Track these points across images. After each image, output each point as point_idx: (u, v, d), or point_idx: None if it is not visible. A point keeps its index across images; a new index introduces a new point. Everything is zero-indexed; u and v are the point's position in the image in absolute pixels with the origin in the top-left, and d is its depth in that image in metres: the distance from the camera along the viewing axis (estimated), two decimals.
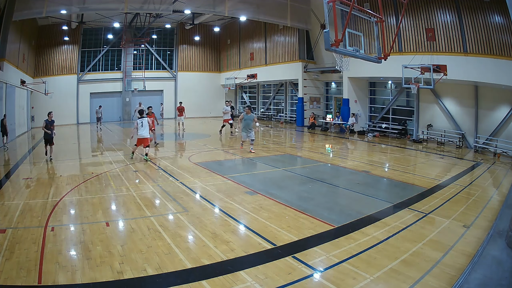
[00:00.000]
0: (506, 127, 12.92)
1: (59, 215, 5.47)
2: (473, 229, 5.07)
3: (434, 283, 3.54)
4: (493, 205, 6.31)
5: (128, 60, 25.75)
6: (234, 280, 3.56)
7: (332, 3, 6.62)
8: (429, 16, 14.17)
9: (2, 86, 14.05)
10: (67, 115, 23.75)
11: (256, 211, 5.73)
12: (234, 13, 18.90)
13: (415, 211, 5.82)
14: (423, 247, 4.40)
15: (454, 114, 14.82)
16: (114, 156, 11.48)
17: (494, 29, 12.14)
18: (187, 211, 5.72)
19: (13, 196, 6.61)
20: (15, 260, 3.87)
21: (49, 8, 15.01)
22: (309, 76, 21.51)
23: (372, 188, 7.58)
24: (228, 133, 16.89)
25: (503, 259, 3.84)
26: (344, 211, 5.97)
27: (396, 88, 17.60)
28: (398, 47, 15.34)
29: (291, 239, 4.61)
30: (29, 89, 19.68)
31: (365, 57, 8.00)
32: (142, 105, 18.11)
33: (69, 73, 24.14)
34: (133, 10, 18.01)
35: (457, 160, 11.60)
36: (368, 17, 8.09)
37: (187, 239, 4.66)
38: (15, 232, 4.72)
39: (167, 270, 3.76)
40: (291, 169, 9.19)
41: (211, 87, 29.10)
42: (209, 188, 7.14)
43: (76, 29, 23.98)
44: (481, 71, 12.31)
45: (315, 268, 3.86)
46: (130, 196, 6.55)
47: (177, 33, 27.91)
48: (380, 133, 17.55)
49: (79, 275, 3.60)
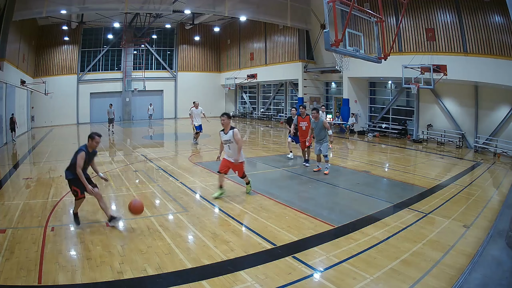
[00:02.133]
0: (506, 127, 12.92)
1: (59, 215, 5.47)
2: (473, 229, 5.07)
3: (434, 283, 3.54)
4: (493, 205, 6.30)
5: (128, 60, 25.76)
6: (234, 280, 3.56)
7: (332, 3, 6.62)
8: (429, 16, 14.18)
9: (2, 86, 14.05)
10: (67, 115, 23.78)
11: (256, 211, 5.73)
12: (234, 13, 18.91)
13: (415, 211, 5.82)
14: (423, 247, 4.40)
15: (454, 114, 14.82)
16: (114, 156, 11.48)
17: (494, 29, 12.14)
18: (187, 211, 5.72)
19: (13, 196, 6.61)
20: (15, 260, 3.87)
21: (49, 8, 15.03)
22: (309, 76, 21.51)
23: (372, 188, 7.58)
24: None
25: (503, 259, 3.83)
26: (344, 211, 5.96)
27: (396, 88, 17.60)
28: (398, 47, 15.34)
29: (291, 239, 4.61)
30: (29, 89, 19.68)
31: (365, 57, 8.00)
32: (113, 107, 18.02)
33: (69, 73, 24.15)
34: (133, 10, 18.01)
35: (457, 160, 11.60)
36: (368, 17, 8.08)
37: (187, 239, 4.66)
38: (15, 232, 4.72)
39: (167, 270, 3.76)
40: (291, 169, 9.19)
41: (211, 87, 29.11)
42: (209, 188, 7.14)
43: (76, 29, 23.98)
44: (481, 71, 12.31)
45: (315, 268, 3.86)
46: (130, 196, 6.54)
47: (177, 33, 27.93)
48: (380, 133, 17.54)
49: (79, 275, 3.60)
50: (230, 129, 6.22)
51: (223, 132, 6.31)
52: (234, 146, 6.22)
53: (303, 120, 9.27)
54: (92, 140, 4.92)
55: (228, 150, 6.30)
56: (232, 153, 6.28)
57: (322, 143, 8.39)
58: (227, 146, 6.28)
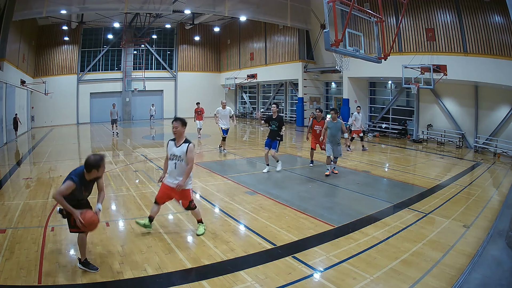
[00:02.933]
0: (506, 127, 12.92)
1: (59, 215, 5.46)
2: (473, 229, 5.07)
3: (434, 283, 3.54)
4: (493, 205, 6.31)
5: (128, 60, 25.77)
6: (234, 280, 3.56)
7: (332, 3, 6.62)
8: (429, 16, 14.18)
9: (2, 86, 14.06)
10: (67, 115, 23.79)
11: (256, 211, 5.73)
12: (234, 13, 18.92)
13: (415, 211, 5.82)
14: (423, 247, 4.40)
15: (454, 114, 14.82)
16: (114, 156, 11.48)
17: (494, 29, 12.14)
18: (187, 211, 5.71)
19: (13, 196, 6.61)
20: (15, 260, 3.87)
21: (49, 8, 15.04)
22: (309, 76, 21.51)
23: (372, 188, 7.58)
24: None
25: (503, 259, 3.84)
26: (344, 211, 5.96)
27: (396, 88, 17.61)
28: (398, 47, 15.34)
29: (291, 239, 4.61)
30: (29, 89, 19.68)
31: (365, 57, 8.00)
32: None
33: (69, 73, 24.17)
34: (133, 10, 18.01)
35: (457, 160, 11.60)
36: (368, 17, 8.08)
37: (187, 239, 4.66)
38: (15, 232, 4.72)
39: (167, 270, 3.76)
40: (291, 169, 9.19)
41: (211, 87, 29.11)
42: (209, 188, 7.14)
43: (76, 29, 24.00)
44: (481, 71, 12.31)
45: (315, 268, 3.86)
46: (130, 196, 6.55)
47: (177, 33, 27.93)
48: (380, 133, 17.54)
49: (79, 275, 3.59)
50: (184, 142, 4.52)
51: (173, 143, 4.58)
52: (182, 166, 4.47)
53: (318, 124, 9.17)
54: (97, 169, 3.57)
55: (172, 169, 4.53)
56: (176, 174, 4.51)
57: (337, 146, 8.19)
58: (174, 163, 4.51)
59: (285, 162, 10.25)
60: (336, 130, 8.13)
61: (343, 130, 8.20)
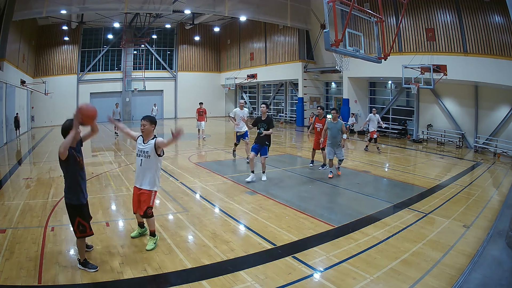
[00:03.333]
0: (506, 127, 12.93)
1: (59, 215, 5.46)
2: (473, 229, 5.07)
3: (434, 283, 3.54)
4: (493, 205, 6.31)
5: (128, 60, 25.76)
6: (234, 280, 3.56)
7: (332, 3, 6.63)
8: (429, 16, 14.18)
9: (2, 86, 14.06)
10: (67, 115, 23.52)
11: (256, 211, 5.73)
12: (234, 13, 18.92)
13: (415, 211, 5.82)
14: (423, 247, 4.40)
15: (454, 114, 14.83)
16: (114, 156, 11.47)
17: (494, 29, 12.15)
18: (187, 211, 5.72)
19: (13, 196, 6.61)
20: (15, 260, 3.87)
21: (49, 8, 15.03)
22: (309, 76, 21.52)
23: (372, 188, 7.58)
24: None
25: (503, 259, 3.84)
26: (344, 211, 5.96)
27: (396, 88, 17.62)
28: (398, 47, 15.34)
29: (291, 239, 4.61)
30: (29, 89, 19.68)
31: (365, 57, 8.00)
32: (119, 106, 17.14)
33: (69, 73, 24.15)
34: (133, 10, 18.01)
35: (457, 160, 11.60)
36: (368, 17, 8.09)
37: (187, 239, 4.66)
38: (15, 232, 4.72)
39: (167, 270, 3.76)
40: (291, 169, 9.19)
41: (211, 87, 29.12)
42: (209, 188, 7.14)
43: (76, 29, 23.99)
44: (481, 71, 12.32)
45: (315, 268, 3.86)
46: (130, 196, 6.51)
47: (177, 33, 27.93)
48: (380, 133, 17.52)
49: (79, 275, 3.59)
50: (152, 139, 4.38)
51: (141, 140, 4.45)
52: (148, 163, 4.33)
53: (320, 121, 9.14)
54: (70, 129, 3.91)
55: (138, 166, 4.42)
56: (142, 173, 4.38)
57: (339, 147, 8.11)
58: (140, 160, 4.38)
59: (285, 162, 10.26)
60: (336, 131, 8.05)
61: (343, 131, 8.12)
